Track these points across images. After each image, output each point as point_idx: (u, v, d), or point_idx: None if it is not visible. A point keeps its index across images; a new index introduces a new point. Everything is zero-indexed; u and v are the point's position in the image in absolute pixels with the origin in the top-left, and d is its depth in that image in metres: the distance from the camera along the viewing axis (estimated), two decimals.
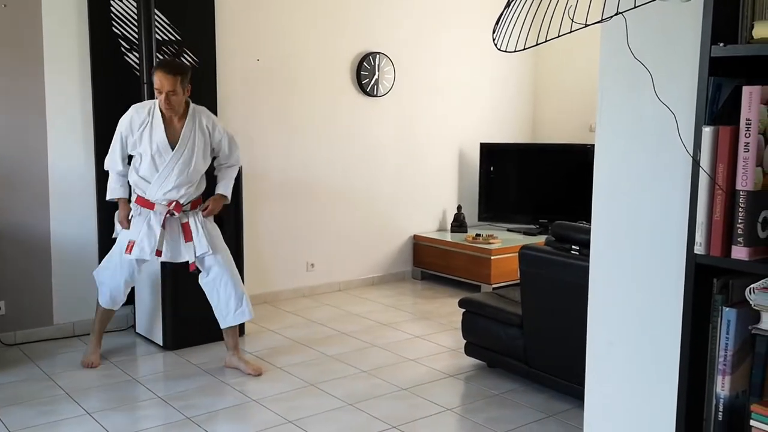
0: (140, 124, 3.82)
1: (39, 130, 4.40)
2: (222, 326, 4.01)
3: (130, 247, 3.86)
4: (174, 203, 3.84)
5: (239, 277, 4.03)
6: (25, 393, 3.68)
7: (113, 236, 4.08)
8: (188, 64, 3.97)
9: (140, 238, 3.84)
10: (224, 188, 4.03)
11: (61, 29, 4.42)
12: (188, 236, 3.89)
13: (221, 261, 3.93)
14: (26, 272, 4.41)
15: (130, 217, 3.91)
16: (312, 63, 5.52)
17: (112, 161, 3.92)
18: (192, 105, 3.88)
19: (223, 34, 5.03)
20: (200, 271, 3.96)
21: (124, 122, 3.88)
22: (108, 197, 3.98)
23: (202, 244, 3.89)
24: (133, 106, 3.91)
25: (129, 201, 3.94)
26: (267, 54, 5.30)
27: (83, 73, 4.51)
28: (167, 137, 3.80)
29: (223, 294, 3.95)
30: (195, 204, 3.93)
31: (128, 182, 3.93)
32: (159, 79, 3.70)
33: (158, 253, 3.84)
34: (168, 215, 3.85)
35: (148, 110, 3.84)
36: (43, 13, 4.36)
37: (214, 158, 4.02)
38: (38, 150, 4.41)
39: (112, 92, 4.55)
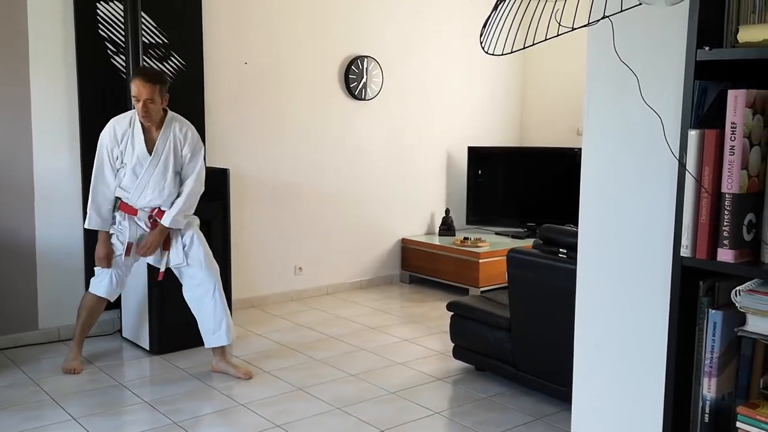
0: (123, 134, 3.79)
1: (24, 134, 4.37)
2: (205, 345, 4.01)
3: (128, 250, 3.87)
4: (156, 210, 3.83)
5: (223, 295, 3.97)
6: (10, 398, 3.64)
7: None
8: (167, 72, 3.92)
9: (135, 240, 3.89)
10: (166, 218, 3.82)
11: (47, 32, 4.39)
12: (166, 245, 3.89)
13: (207, 277, 3.90)
14: (11, 276, 4.38)
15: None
16: (300, 66, 5.51)
17: (101, 178, 3.81)
18: (169, 114, 3.85)
19: (211, 37, 5.02)
20: (161, 280, 3.95)
21: (105, 135, 3.82)
22: (90, 226, 3.88)
23: (178, 255, 3.88)
24: (112, 119, 3.87)
25: (110, 236, 3.90)
26: (255, 57, 5.28)
27: (69, 76, 4.48)
28: (146, 147, 3.78)
29: (204, 314, 3.95)
30: None
31: (112, 211, 3.89)
32: (137, 87, 3.67)
33: (128, 246, 3.86)
34: (151, 221, 3.85)
35: (129, 120, 3.81)
36: (29, 15, 4.33)
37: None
38: (23, 153, 4.37)
39: (99, 95, 4.53)
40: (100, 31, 4.52)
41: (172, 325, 4.31)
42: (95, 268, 4.00)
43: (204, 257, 3.91)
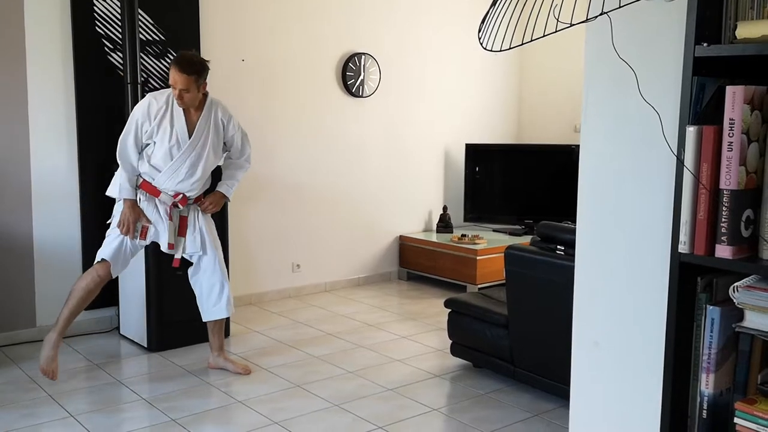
0: (157, 111, 3.69)
1: (21, 132, 4.36)
2: (203, 319, 3.96)
3: (144, 233, 3.76)
4: (181, 195, 3.78)
5: (226, 273, 3.96)
6: (8, 396, 3.64)
7: (107, 222, 3.87)
8: (207, 61, 3.78)
9: (154, 221, 3.78)
10: (227, 188, 3.93)
11: (43, 29, 4.38)
12: (183, 231, 3.84)
13: (212, 256, 3.88)
14: (9, 274, 4.37)
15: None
16: (297, 63, 5.51)
17: (125, 150, 3.70)
18: (210, 98, 3.79)
19: (208, 34, 5.01)
20: (180, 270, 3.91)
21: (140, 109, 3.72)
22: (116, 195, 3.76)
23: (195, 244, 3.84)
24: (149, 94, 3.78)
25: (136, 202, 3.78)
26: (252, 54, 5.28)
27: (66, 73, 4.47)
28: (187, 128, 3.72)
29: (205, 288, 3.91)
30: (197, 199, 3.88)
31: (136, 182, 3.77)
32: (172, 75, 3.61)
33: (170, 246, 3.79)
34: (172, 206, 3.79)
35: (166, 98, 3.71)
36: (26, 12, 4.32)
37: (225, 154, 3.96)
38: (20, 152, 4.36)
39: (96, 93, 4.52)
40: (97, 27, 4.52)
41: (170, 323, 4.31)
42: (108, 232, 3.82)
43: (214, 238, 3.90)
